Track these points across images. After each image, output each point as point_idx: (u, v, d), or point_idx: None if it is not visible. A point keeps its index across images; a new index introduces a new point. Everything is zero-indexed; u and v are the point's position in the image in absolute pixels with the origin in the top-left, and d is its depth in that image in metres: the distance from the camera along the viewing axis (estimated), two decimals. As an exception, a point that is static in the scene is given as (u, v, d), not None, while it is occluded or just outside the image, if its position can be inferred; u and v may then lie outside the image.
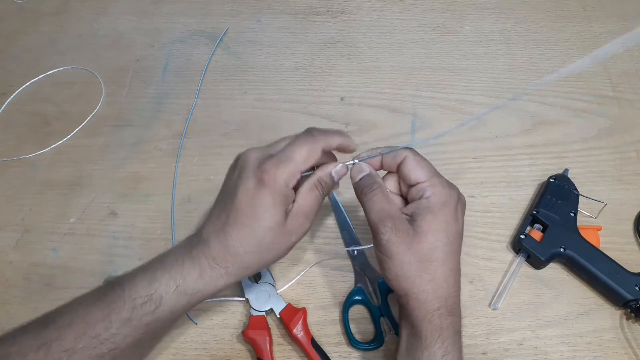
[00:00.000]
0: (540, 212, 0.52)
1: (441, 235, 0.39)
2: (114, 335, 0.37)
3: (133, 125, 0.64)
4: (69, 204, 0.58)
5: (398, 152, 0.42)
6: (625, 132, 0.61)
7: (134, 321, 0.38)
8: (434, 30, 0.72)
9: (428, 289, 0.39)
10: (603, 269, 0.49)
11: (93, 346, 0.37)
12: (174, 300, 0.39)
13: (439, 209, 0.39)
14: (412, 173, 0.41)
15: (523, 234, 0.52)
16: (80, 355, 0.36)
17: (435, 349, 0.38)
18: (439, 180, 0.41)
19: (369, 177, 0.42)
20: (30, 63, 0.71)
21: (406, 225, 0.40)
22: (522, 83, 0.66)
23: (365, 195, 0.41)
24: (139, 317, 0.38)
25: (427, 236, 0.39)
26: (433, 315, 0.39)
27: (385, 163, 0.43)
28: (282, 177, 0.39)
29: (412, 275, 0.39)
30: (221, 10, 0.76)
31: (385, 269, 0.40)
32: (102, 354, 0.37)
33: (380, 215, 0.40)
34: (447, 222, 0.40)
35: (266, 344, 0.47)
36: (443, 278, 0.39)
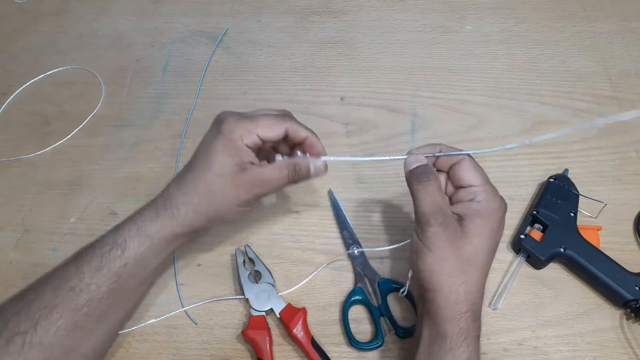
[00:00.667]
0: (540, 212, 0.52)
1: (486, 241, 0.40)
2: (87, 285, 0.39)
3: (133, 125, 0.64)
4: (69, 204, 0.58)
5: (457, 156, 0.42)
6: (625, 132, 0.61)
7: (104, 269, 0.40)
8: (434, 30, 0.72)
9: (461, 290, 0.39)
10: (603, 269, 0.49)
11: (70, 299, 0.39)
12: (136, 243, 0.42)
13: (489, 215, 0.40)
14: (467, 175, 0.41)
15: (523, 234, 0.52)
16: (60, 310, 0.38)
17: (460, 351, 0.38)
18: (492, 188, 0.42)
19: (425, 167, 0.42)
20: (30, 63, 0.71)
21: (455, 223, 0.40)
22: (522, 83, 0.66)
23: (420, 183, 0.41)
24: (108, 264, 0.40)
25: (473, 239, 0.39)
26: (461, 318, 0.38)
27: (438, 161, 0.44)
28: (237, 130, 0.42)
29: (449, 273, 0.39)
30: (221, 10, 0.76)
31: (422, 260, 0.39)
32: (80, 307, 0.39)
33: (432, 207, 0.40)
34: (493, 230, 0.40)
35: (266, 344, 0.47)
36: (475, 282, 0.39)
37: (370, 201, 0.57)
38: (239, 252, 0.52)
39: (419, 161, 0.42)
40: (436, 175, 0.41)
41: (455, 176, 0.42)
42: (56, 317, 0.38)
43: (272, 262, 0.53)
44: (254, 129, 0.43)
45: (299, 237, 0.55)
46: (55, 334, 0.38)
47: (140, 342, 0.49)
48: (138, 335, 0.49)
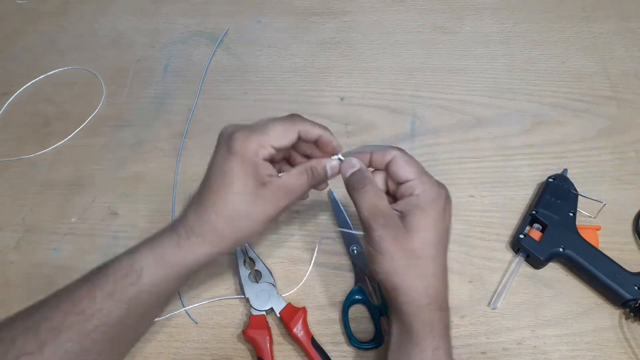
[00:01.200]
0: (539, 212, 0.53)
1: (430, 232, 0.40)
2: (99, 310, 0.38)
3: (134, 126, 0.64)
4: (69, 204, 0.58)
5: (387, 151, 0.43)
6: (624, 132, 0.61)
7: (117, 294, 0.38)
8: (434, 31, 0.72)
9: (417, 284, 0.39)
10: (602, 268, 0.49)
11: (79, 323, 0.37)
12: (153, 270, 0.39)
13: (428, 206, 0.40)
14: (401, 171, 0.42)
15: (522, 234, 0.52)
16: (68, 333, 0.37)
17: (426, 344, 0.39)
18: (428, 178, 0.42)
19: (359, 172, 0.42)
20: (31, 63, 0.71)
21: (397, 221, 0.40)
22: (521, 83, 0.66)
23: (357, 191, 0.42)
24: (121, 290, 0.38)
25: (418, 233, 0.39)
26: (423, 311, 0.39)
27: (374, 161, 0.43)
28: (251, 145, 0.40)
29: (402, 271, 0.39)
30: (221, 10, 0.76)
31: (375, 263, 0.40)
32: (89, 331, 0.37)
33: (371, 210, 0.40)
34: (436, 220, 0.40)
35: (266, 344, 0.47)
36: (432, 274, 0.40)
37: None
38: (239, 252, 0.52)
39: (353, 166, 0.43)
40: (371, 179, 0.42)
41: (392, 173, 0.42)
42: (64, 340, 0.37)
43: (272, 262, 0.53)
44: (267, 140, 0.41)
45: (299, 237, 0.55)
46: (62, 357, 0.36)
47: (141, 341, 0.49)
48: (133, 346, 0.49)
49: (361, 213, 0.41)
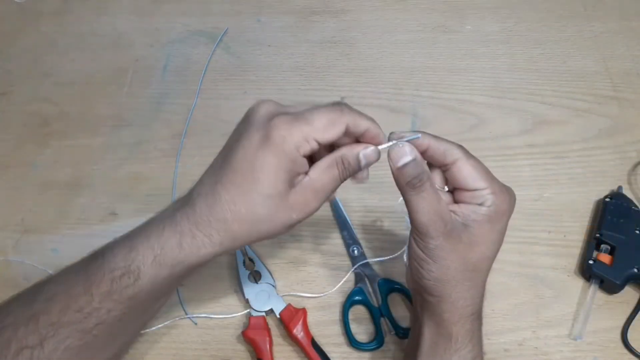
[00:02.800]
0: (603, 234, 0.50)
1: (494, 246, 0.37)
2: (97, 309, 0.35)
3: (133, 125, 0.64)
4: (69, 204, 0.58)
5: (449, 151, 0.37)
6: (626, 131, 0.61)
7: (115, 295, 0.35)
8: (434, 30, 0.72)
9: (468, 295, 0.37)
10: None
11: (78, 320, 0.35)
12: (153, 272, 0.35)
13: (499, 219, 0.36)
14: (471, 180, 0.36)
15: (591, 259, 0.49)
16: (67, 330, 0.35)
17: (466, 351, 0.37)
18: (499, 187, 0.37)
19: (415, 165, 0.36)
20: (30, 63, 0.71)
21: (459, 230, 0.36)
22: (522, 83, 0.66)
23: (414, 189, 0.35)
24: (119, 291, 0.35)
25: (481, 247, 0.36)
26: (466, 320, 0.37)
27: (430, 155, 0.37)
28: (293, 137, 0.34)
29: (455, 282, 0.36)
30: (221, 10, 0.76)
31: (425, 270, 0.36)
32: (89, 329, 0.35)
33: (431, 216, 0.35)
34: (501, 233, 0.37)
35: (266, 345, 0.47)
36: (482, 285, 0.38)
37: (370, 201, 0.57)
38: (239, 252, 0.52)
39: (406, 155, 0.36)
40: (429, 175, 0.36)
41: (455, 179, 0.37)
42: (64, 337, 0.35)
43: (272, 262, 0.53)
44: (312, 133, 0.35)
45: (299, 237, 0.55)
46: (64, 352, 0.35)
47: (140, 342, 0.48)
48: (138, 336, 0.49)
49: (417, 216, 0.36)
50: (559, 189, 0.57)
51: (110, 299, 0.36)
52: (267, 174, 0.34)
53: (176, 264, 0.36)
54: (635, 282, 0.49)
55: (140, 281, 0.36)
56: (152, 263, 0.36)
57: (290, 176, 0.35)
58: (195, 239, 0.35)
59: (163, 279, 0.36)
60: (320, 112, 0.36)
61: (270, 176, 0.34)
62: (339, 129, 0.36)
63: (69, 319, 0.35)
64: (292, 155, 0.34)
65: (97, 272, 0.36)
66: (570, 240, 0.53)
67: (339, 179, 0.37)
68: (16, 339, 0.34)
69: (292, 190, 0.35)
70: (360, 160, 0.37)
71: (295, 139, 0.34)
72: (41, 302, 0.36)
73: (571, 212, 0.55)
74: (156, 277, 0.36)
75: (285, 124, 0.34)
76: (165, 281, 0.37)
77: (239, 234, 0.36)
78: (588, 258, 0.50)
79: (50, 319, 0.35)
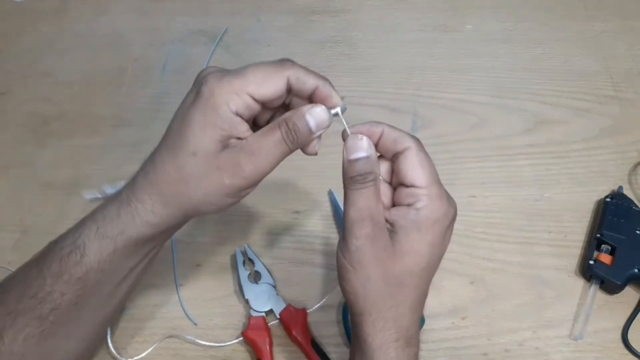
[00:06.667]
0: (604, 234, 0.50)
1: (422, 259, 0.33)
2: (50, 293, 0.35)
3: (132, 125, 0.64)
4: (68, 204, 0.58)
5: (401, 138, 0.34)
6: (627, 131, 0.61)
7: (65, 275, 0.35)
8: (435, 30, 0.72)
9: (389, 316, 0.33)
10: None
11: (33, 306, 0.35)
12: (96, 246, 0.35)
13: (428, 228, 0.33)
14: (411, 172, 0.33)
15: (592, 260, 0.49)
16: (24, 318, 0.35)
17: None
18: (439, 191, 0.33)
19: (367, 162, 0.33)
20: (30, 63, 0.71)
21: (386, 235, 0.33)
22: (523, 82, 0.65)
23: (354, 185, 0.33)
24: (68, 270, 0.35)
25: (405, 258, 0.33)
26: (389, 347, 0.33)
27: (382, 144, 0.35)
28: (222, 90, 0.32)
29: (375, 296, 0.33)
30: (221, 9, 0.76)
31: (344, 279, 0.34)
32: (45, 315, 0.35)
33: (361, 214, 0.33)
34: (433, 245, 0.33)
35: (266, 345, 0.47)
36: (409, 306, 0.34)
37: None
38: (238, 253, 0.52)
39: (360, 150, 0.33)
40: (377, 175, 0.34)
41: (398, 170, 0.34)
42: (21, 326, 0.34)
43: (272, 263, 0.53)
44: (244, 86, 0.32)
45: (299, 237, 0.54)
46: (24, 342, 0.34)
47: (139, 342, 0.48)
48: (137, 337, 0.49)
49: (348, 212, 0.33)
50: (559, 189, 0.57)
51: (61, 281, 0.35)
52: (193, 130, 0.32)
53: (117, 235, 0.35)
54: (635, 282, 0.49)
55: (87, 257, 0.35)
56: (95, 236, 0.35)
57: (222, 135, 0.32)
58: (130, 206, 0.34)
59: (108, 254, 0.35)
60: (256, 65, 0.33)
61: (196, 132, 0.32)
62: (277, 83, 0.33)
63: (25, 305, 0.35)
64: (219, 109, 0.32)
65: (49, 253, 0.36)
66: (571, 241, 0.53)
67: (283, 143, 0.33)
68: None
69: (224, 151, 0.33)
70: (308, 121, 0.33)
71: (224, 92, 0.32)
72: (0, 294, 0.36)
73: (572, 212, 0.55)
74: (101, 251, 0.35)
75: (215, 78, 0.32)
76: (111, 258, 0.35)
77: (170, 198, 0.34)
78: (589, 258, 0.50)
79: (7, 309, 0.35)
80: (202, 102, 0.32)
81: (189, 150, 0.33)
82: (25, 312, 0.35)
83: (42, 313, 0.35)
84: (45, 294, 0.35)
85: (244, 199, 0.35)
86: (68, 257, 0.35)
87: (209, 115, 0.32)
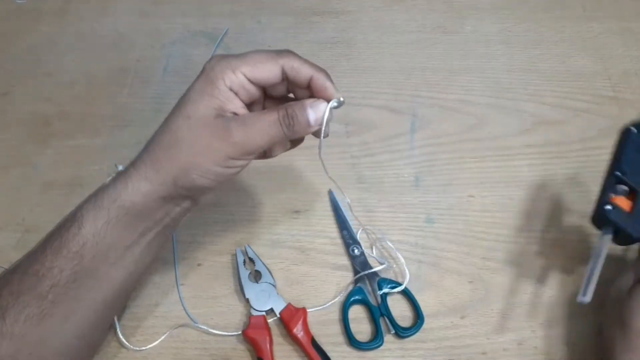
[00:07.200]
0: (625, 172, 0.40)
1: None
2: (50, 269, 0.35)
3: (134, 126, 0.64)
4: (69, 204, 0.57)
5: None
6: (624, 132, 0.61)
7: (64, 249, 0.36)
8: (434, 31, 0.72)
9: None
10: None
11: (34, 285, 0.35)
12: (92, 216, 0.36)
13: None
14: None
15: (608, 204, 0.39)
16: (26, 297, 0.35)
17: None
18: None
19: None
20: (31, 63, 0.71)
21: None
22: (522, 83, 0.66)
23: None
24: (67, 244, 0.36)
25: None
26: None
27: None
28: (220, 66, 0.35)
29: None
30: (221, 10, 0.76)
31: None
32: (45, 293, 0.35)
33: None
34: None
35: (266, 344, 0.47)
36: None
37: (370, 201, 0.57)
38: (239, 252, 0.52)
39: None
40: None
41: None
42: (23, 305, 0.35)
43: (272, 262, 0.53)
44: (240, 65, 0.35)
45: (299, 237, 0.55)
46: (25, 323, 0.35)
47: (140, 341, 0.49)
48: (139, 335, 0.49)
49: None
50: (558, 189, 0.57)
51: (60, 256, 0.36)
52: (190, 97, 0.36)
53: (110, 204, 0.36)
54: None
55: (83, 229, 0.36)
56: (92, 207, 0.36)
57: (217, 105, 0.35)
58: (125, 175, 0.37)
59: (102, 225, 0.36)
60: (256, 51, 0.37)
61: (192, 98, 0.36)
62: (270, 68, 0.36)
63: (27, 284, 0.35)
64: (216, 82, 0.35)
65: (54, 229, 0.37)
66: (569, 241, 0.54)
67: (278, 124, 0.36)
68: None
69: (220, 119, 0.35)
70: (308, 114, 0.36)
71: (222, 67, 0.35)
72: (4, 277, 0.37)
73: (571, 212, 0.56)
74: (95, 222, 0.36)
75: (218, 57, 0.36)
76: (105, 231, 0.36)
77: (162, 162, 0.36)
78: (604, 202, 0.40)
79: (10, 289, 0.35)
80: (203, 76, 0.36)
81: (184, 114, 0.35)
82: (27, 291, 0.35)
83: (42, 290, 0.35)
84: (46, 270, 0.36)
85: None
86: (68, 231, 0.36)
87: (207, 85, 0.35)
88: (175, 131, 0.35)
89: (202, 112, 0.35)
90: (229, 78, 0.35)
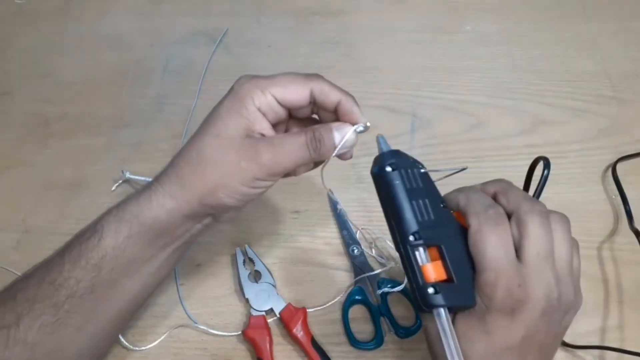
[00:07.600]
0: (416, 232, 0.33)
1: None
2: (67, 279, 0.35)
3: (133, 126, 0.64)
4: (69, 204, 0.58)
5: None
6: (625, 132, 0.61)
7: (82, 260, 0.36)
8: (434, 31, 0.72)
9: None
10: None
11: (50, 294, 0.35)
12: (113, 228, 0.36)
13: None
14: None
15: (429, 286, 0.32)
16: (41, 305, 0.35)
17: None
18: None
19: None
20: (30, 63, 0.71)
21: None
22: (521, 83, 0.66)
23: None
24: (86, 255, 0.36)
25: None
26: None
27: None
28: (250, 85, 0.36)
29: None
30: (221, 10, 0.76)
31: None
32: (61, 303, 0.35)
33: None
34: None
35: (266, 344, 0.47)
36: None
37: (370, 201, 0.57)
38: (238, 252, 0.52)
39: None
40: None
41: None
42: (38, 313, 0.35)
43: (272, 262, 0.53)
44: (269, 86, 0.35)
45: (299, 237, 0.55)
46: (39, 331, 0.35)
47: (140, 341, 0.49)
48: (138, 336, 0.49)
49: None
50: (557, 189, 0.57)
51: (78, 266, 0.36)
52: (219, 115, 0.36)
53: (133, 219, 0.36)
54: None
55: (103, 241, 0.36)
56: (113, 219, 0.36)
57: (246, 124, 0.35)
58: (149, 190, 0.36)
59: (123, 239, 0.36)
60: (286, 73, 0.37)
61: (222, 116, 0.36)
62: (300, 92, 0.36)
63: (43, 292, 0.35)
64: (244, 102, 0.35)
65: (73, 239, 0.37)
66: (569, 240, 0.53)
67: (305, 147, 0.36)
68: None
69: (248, 139, 0.35)
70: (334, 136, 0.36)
71: (250, 87, 0.35)
72: (20, 283, 0.37)
73: (570, 212, 0.55)
74: (116, 235, 0.36)
75: (247, 77, 0.37)
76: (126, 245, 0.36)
77: (187, 180, 0.35)
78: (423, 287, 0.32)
79: (26, 295, 0.35)
80: (232, 94, 0.36)
81: (213, 133, 0.35)
82: (43, 299, 0.35)
83: (58, 300, 0.35)
84: (63, 280, 0.35)
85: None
86: (87, 242, 0.36)
87: (235, 104, 0.35)
88: (204, 149, 0.35)
89: (231, 132, 0.35)
90: (258, 98, 0.35)
